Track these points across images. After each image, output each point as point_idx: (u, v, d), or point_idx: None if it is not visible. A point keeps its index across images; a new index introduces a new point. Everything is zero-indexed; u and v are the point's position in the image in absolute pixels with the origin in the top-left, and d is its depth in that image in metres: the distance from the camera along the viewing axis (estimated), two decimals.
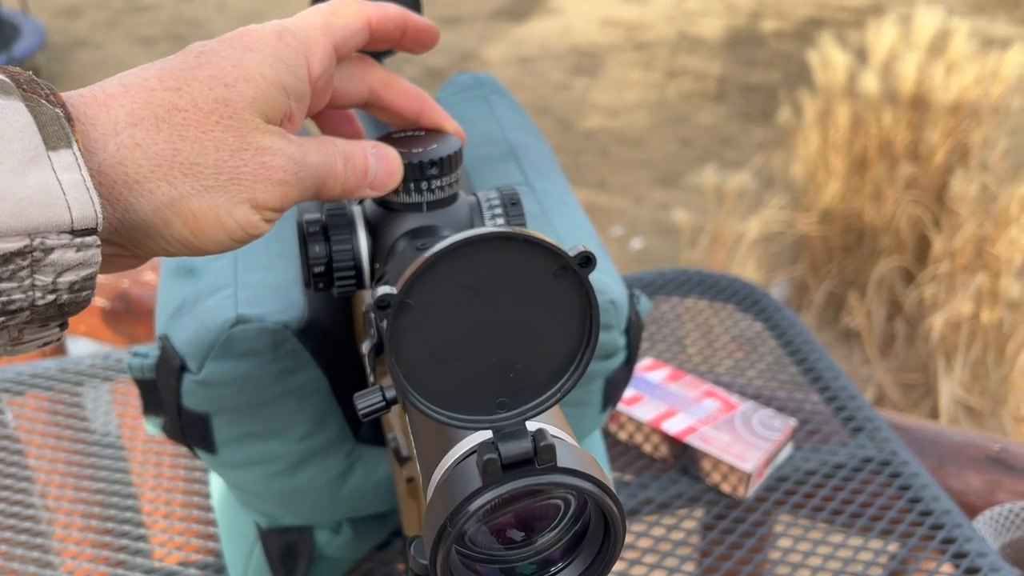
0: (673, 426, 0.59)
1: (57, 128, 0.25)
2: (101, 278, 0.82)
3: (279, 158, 0.29)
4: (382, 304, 0.21)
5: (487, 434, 0.24)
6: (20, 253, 0.24)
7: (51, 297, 0.25)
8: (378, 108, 0.37)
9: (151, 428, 0.46)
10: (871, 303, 2.15)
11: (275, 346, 0.41)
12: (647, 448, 0.60)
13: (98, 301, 0.80)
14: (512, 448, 0.22)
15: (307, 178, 0.30)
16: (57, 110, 0.25)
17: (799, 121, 2.20)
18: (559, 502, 0.25)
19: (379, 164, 0.33)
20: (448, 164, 0.35)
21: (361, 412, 0.31)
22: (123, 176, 0.27)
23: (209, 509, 0.59)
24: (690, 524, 0.58)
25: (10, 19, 3.36)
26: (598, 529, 0.25)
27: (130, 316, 0.80)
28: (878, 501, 0.56)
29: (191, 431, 0.44)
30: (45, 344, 0.27)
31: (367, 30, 0.34)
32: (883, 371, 2.05)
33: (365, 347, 0.37)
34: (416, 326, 0.22)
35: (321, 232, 0.36)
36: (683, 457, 0.59)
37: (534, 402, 0.23)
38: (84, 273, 0.25)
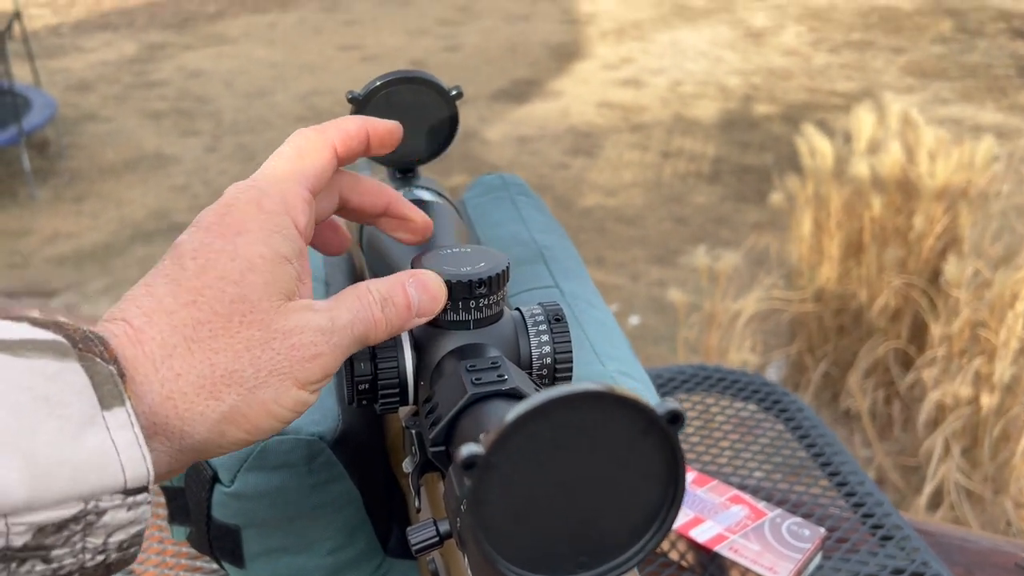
0: (701, 534, 0.58)
1: (112, 387, 0.25)
2: None
3: (307, 335, 0.29)
4: (468, 464, 0.21)
5: None
6: (74, 519, 0.23)
7: (100, 558, 0.24)
8: (348, 210, 0.36)
9: (177, 536, 0.45)
10: (868, 385, 2.15)
11: (310, 458, 0.41)
12: (673, 556, 0.59)
13: None
14: None
15: (343, 340, 0.30)
16: (111, 367, 0.25)
17: (791, 204, 2.23)
18: None
19: (421, 294, 0.33)
20: (496, 283, 0.35)
21: (414, 547, 0.30)
22: (173, 410, 0.27)
23: None
24: None
25: (23, 93, 3.41)
26: None
27: None
28: None
29: (220, 544, 0.42)
30: None
31: (335, 159, 0.34)
32: (882, 454, 2.04)
33: (407, 465, 0.37)
34: (500, 485, 0.21)
35: (367, 350, 0.35)
36: (711, 566, 0.57)
37: (615, 562, 0.23)
38: (134, 531, 0.25)
